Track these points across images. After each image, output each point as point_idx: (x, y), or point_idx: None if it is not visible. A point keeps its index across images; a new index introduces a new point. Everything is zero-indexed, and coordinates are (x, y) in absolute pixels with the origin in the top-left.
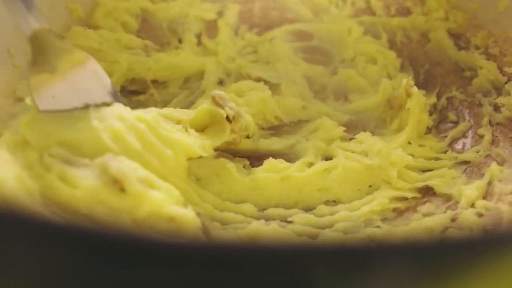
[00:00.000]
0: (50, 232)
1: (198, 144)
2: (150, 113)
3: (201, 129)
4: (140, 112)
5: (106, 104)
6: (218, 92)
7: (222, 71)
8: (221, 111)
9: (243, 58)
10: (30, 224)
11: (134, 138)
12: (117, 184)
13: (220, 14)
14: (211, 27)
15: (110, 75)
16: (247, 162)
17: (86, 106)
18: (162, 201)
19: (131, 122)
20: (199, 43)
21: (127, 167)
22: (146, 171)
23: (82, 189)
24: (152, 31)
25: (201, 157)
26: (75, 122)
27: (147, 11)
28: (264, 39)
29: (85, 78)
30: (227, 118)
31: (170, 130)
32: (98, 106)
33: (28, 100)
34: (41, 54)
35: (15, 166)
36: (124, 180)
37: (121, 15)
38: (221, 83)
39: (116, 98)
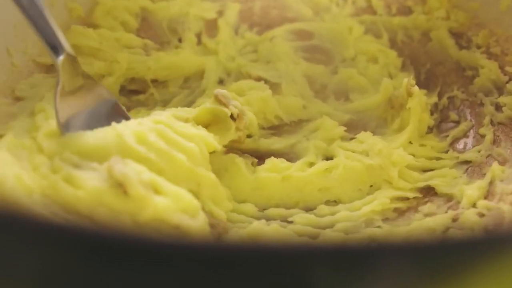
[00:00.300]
0: (49, 232)
1: (212, 138)
2: (162, 115)
3: (203, 127)
4: (152, 116)
5: None
6: (221, 90)
7: (222, 71)
8: (225, 109)
9: (243, 57)
10: (29, 224)
11: (157, 138)
12: (121, 187)
13: (220, 13)
14: (211, 26)
15: (109, 74)
16: (256, 160)
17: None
18: (166, 207)
19: (149, 125)
20: (199, 42)
21: (131, 170)
22: (153, 174)
23: (85, 190)
24: (152, 30)
25: (212, 152)
26: (97, 132)
27: (147, 10)
28: (265, 38)
29: (100, 106)
30: (231, 116)
31: (186, 126)
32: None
33: (52, 123)
34: (69, 80)
35: (15, 167)
36: (127, 183)
37: (121, 14)
38: (221, 82)
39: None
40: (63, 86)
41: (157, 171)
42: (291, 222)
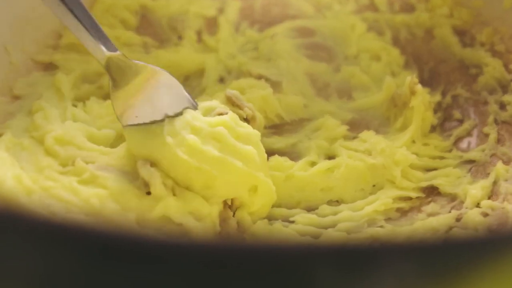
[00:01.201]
0: (49, 231)
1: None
2: (224, 115)
3: None
4: (210, 118)
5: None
6: (232, 91)
7: (222, 69)
8: (239, 111)
9: (244, 55)
10: (28, 224)
11: (211, 147)
12: (146, 187)
13: (221, 10)
14: (212, 24)
15: None
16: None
17: (164, 118)
18: (175, 206)
19: (207, 130)
20: (199, 40)
21: (156, 173)
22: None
23: (109, 189)
24: (152, 28)
25: None
26: (152, 138)
27: (146, 7)
28: (265, 36)
29: (162, 93)
30: (245, 118)
31: (246, 126)
32: (173, 116)
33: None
34: (118, 77)
35: (14, 167)
36: (152, 184)
37: (120, 11)
38: (221, 80)
39: (193, 104)
40: (114, 81)
41: (208, 178)
42: (292, 222)
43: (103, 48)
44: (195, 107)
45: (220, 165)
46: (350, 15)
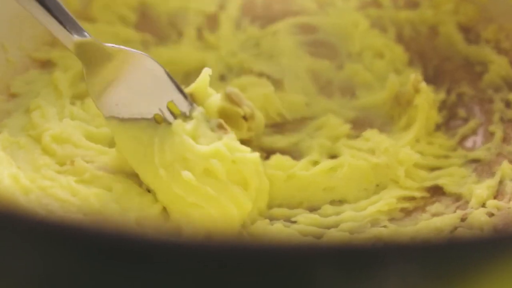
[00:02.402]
0: (46, 231)
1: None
2: (222, 138)
3: None
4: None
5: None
6: (232, 89)
7: (223, 66)
8: (238, 109)
9: (245, 52)
10: (25, 224)
11: (207, 185)
12: None
13: (221, 6)
14: (212, 20)
15: None
16: (264, 155)
17: (154, 120)
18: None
19: (200, 165)
20: (200, 37)
21: None
22: None
23: (109, 189)
24: (151, 25)
25: None
26: (139, 144)
27: (145, 3)
28: (267, 33)
29: (142, 79)
30: (244, 116)
31: (242, 149)
32: (167, 122)
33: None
34: (92, 63)
35: (11, 166)
36: None
37: (119, 7)
38: (222, 78)
39: (180, 90)
40: (87, 67)
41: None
42: (294, 222)
43: (71, 33)
44: (181, 96)
45: (216, 204)
46: (353, 11)
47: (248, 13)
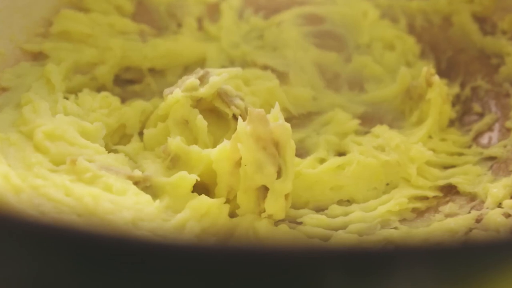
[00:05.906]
0: (38, 232)
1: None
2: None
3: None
4: None
5: None
6: (226, 86)
7: (225, 58)
8: (227, 109)
9: (248, 44)
10: (16, 225)
11: None
12: (145, 181)
13: None
14: (213, 10)
15: (102, 62)
16: None
17: None
18: None
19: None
20: (200, 27)
21: None
22: None
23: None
24: (149, 15)
25: None
26: None
27: None
28: (271, 23)
29: None
30: (233, 116)
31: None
32: None
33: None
34: None
35: (1, 164)
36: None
37: None
38: None
39: None
40: None
41: None
42: (300, 223)
43: None
44: None
45: None
46: (362, 1)
47: (251, 3)
